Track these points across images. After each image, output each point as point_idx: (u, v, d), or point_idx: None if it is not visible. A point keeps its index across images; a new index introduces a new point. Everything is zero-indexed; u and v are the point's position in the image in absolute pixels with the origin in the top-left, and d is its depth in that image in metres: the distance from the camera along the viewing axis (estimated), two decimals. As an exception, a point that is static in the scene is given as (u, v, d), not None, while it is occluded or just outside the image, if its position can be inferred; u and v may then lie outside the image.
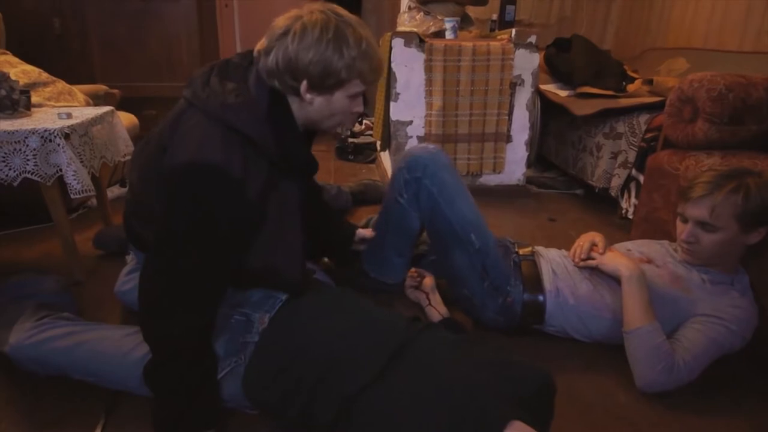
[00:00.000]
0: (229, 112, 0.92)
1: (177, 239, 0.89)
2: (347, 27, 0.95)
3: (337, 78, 0.96)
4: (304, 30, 0.93)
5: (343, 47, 0.94)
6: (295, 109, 1.01)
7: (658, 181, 1.67)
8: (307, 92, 0.97)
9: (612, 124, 2.24)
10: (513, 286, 1.27)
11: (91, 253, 1.68)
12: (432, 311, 1.35)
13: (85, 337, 1.05)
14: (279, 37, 0.94)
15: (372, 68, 1.00)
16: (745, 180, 1.14)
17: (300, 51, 0.93)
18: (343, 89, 0.99)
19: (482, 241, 1.26)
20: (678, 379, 1.10)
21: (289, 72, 0.95)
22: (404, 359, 0.88)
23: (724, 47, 2.47)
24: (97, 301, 1.41)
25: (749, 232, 1.15)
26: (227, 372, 0.96)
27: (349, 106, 1.03)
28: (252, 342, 0.97)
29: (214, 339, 0.98)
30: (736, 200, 1.12)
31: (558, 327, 1.29)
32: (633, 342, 1.14)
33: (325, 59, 0.94)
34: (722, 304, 1.16)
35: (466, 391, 0.80)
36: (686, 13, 2.75)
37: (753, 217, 1.12)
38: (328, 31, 0.93)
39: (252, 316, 1.00)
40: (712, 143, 1.55)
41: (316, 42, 0.93)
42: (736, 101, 1.49)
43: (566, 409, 0.91)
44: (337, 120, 1.07)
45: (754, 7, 2.31)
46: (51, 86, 2.00)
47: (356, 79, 0.99)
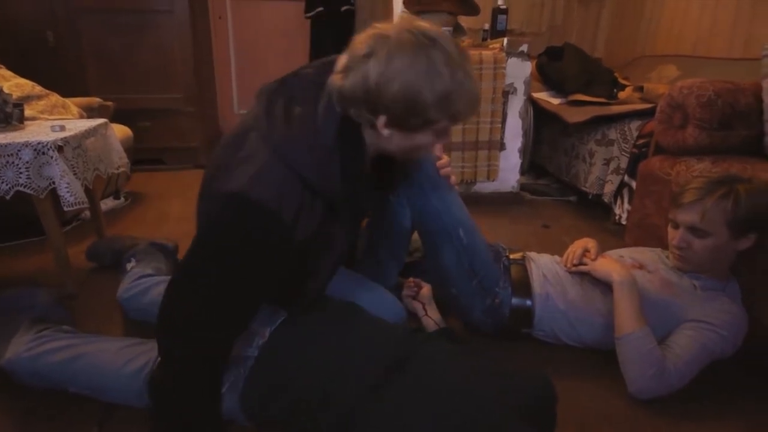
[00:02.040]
0: (290, 150, 0.82)
1: (208, 264, 0.83)
2: (440, 54, 0.80)
3: (423, 117, 0.83)
4: (390, 56, 0.78)
5: (435, 81, 0.80)
6: (368, 137, 0.89)
7: (650, 187, 1.68)
8: (385, 127, 0.85)
9: (604, 131, 2.26)
10: (502, 288, 1.27)
11: (85, 265, 1.68)
12: (428, 321, 1.34)
13: (84, 350, 1.05)
14: (360, 59, 0.80)
15: (466, 106, 0.85)
16: (735, 186, 1.15)
17: (383, 82, 0.79)
18: (428, 128, 0.86)
19: (470, 238, 1.26)
20: (669, 385, 1.10)
21: (368, 103, 0.82)
22: (406, 372, 0.87)
23: (713, 54, 2.50)
24: (90, 313, 1.40)
25: (739, 238, 1.16)
26: (226, 386, 0.95)
27: (433, 142, 0.90)
28: (251, 356, 0.96)
29: None
30: (726, 206, 1.13)
31: (548, 332, 1.29)
32: (624, 347, 1.14)
33: (411, 95, 0.80)
34: (713, 310, 1.16)
35: (470, 403, 0.80)
36: (675, 20, 2.79)
37: (743, 223, 1.13)
38: (417, 59, 0.78)
39: (251, 330, 1.00)
40: (703, 149, 1.56)
41: (402, 72, 0.79)
42: (725, 107, 1.51)
43: (561, 414, 0.92)
44: (419, 155, 0.96)
45: (741, 14, 2.34)
46: (44, 99, 2.00)
47: (447, 119, 0.85)
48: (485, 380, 0.85)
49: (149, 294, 1.20)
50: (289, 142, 0.82)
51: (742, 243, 1.17)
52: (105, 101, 2.39)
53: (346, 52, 0.83)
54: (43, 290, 1.31)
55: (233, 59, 3.75)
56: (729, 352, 1.16)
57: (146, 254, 1.43)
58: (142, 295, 1.21)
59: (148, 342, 1.04)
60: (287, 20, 3.65)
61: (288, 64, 4.22)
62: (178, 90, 2.87)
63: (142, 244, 1.51)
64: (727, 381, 1.21)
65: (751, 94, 1.55)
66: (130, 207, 2.34)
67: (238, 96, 3.85)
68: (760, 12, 2.24)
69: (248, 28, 3.68)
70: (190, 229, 0.89)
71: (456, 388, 0.82)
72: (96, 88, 2.73)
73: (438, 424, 0.77)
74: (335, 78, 0.83)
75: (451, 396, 0.81)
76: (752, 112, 1.53)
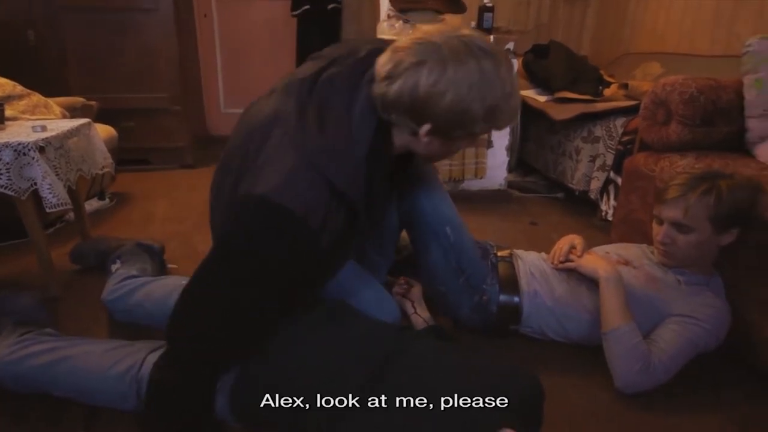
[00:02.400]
0: (323, 158, 0.79)
1: (229, 270, 0.80)
2: (491, 65, 0.78)
3: (470, 129, 0.83)
4: (443, 66, 0.76)
5: (486, 94, 0.78)
6: (398, 139, 0.88)
7: (635, 183, 1.70)
8: (426, 135, 0.84)
9: (590, 128, 2.27)
10: (489, 285, 1.28)
11: (69, 267, 1.65)
12: (417, 319, 1.35)
13: (68, 353, 1.03)
14: (410, 67, 0.78)
15: (509, 117, 0.85)
16: (717, 182, 1.17)
17: (435, 93, 0.77)
18: (471, 137, 0.87)
19: (457, 236, 1.27)
20: (655, 379, 1.12)
21: (413, 113, 0.80)
22: (395, 371, 0.87)
23: (696, 51, 2.54)
24: (75, 315, 1.38)
25: (722, 233, 1.18)
26: (216, 388, 0.94)
27: (465, 146, 0.93)
28: None
29: None
30: (709, 201, 1.15)
31: (536, 328, 1.30)
32: (611, 342, 1.15)
33: (461, 108, 0.78)
34: (697, 305, 1.18)
35: (454, 402, 0.80)
36: (658, 18, 2.82)
37: (725, 218, 1.15)
38: (471, 72, 0.77)
39: None
40: (686, 144, 1.58)
41: (456, 84, 0.77)
42: (707, 103, 1.53)
43: (549, 411, 0.93)
44: (447, 157, 0.96)
45: (722, 12, 2.37)
46: (26, 99, 1.97)
47: (491, 124, 0.84)
48: (471, 377, 0.85)
49: (135, 295, 1.19)
50: (323, 150, 0.80)
51: (725, 238, 1.19)
52: (88, 101, 2.35)
53: (389, 56, 0.80)
54: (25, 293, 1.29)
55: (219, 58, 3.71)
56: (713, 346, 1.18)
57: (132, 255, 1.41)
58: (127, 297, 1.20)
59: (134, 344, 1.03)
60: (274, 18, 3.63)
61: (275, 63, 4.20)
62: (163, 89, 2.84)
63: (127, 245, 1.49)
64: (711, 374, 1.23)
65: (733, 90, 1.57)
66: (116, 208, 2.32)
67: (224, 95, 3.82)
68: (740, 10, 2.28)
69: (234, 26, 3.65)
70: (176, 230, 0.89)
71: (444, 387, 0.82)
72: (79, 87, 2.68)
73: (426, 423, 0.77)
74: (379, 84, 0.81)
75: (436, 392, 0.81)
76: (733, 109, 1.55)
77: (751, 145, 1.52)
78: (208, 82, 3.70)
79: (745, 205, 1.17)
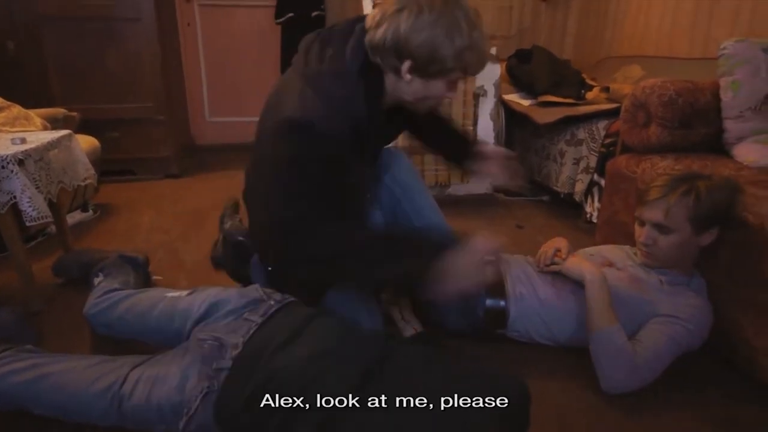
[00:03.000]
0: (321, 79, 0.99)
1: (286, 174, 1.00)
2: (462, 14, 0.95)
3: (441, 66, 0.97)
4: (420, 11, 0.94)
5: (455, 36, 0.94)
6: (389, 85, 1.04)
7: (618, 185, 1.72)
8: (408, 72, 0.99)
9: (573, 131, 2.30)
10: None
11: (52, 281, 1.63)
12: (405, 326, 1.35)
13: (49, 370, 1.01)
14: (393, 13, 0.95)
15: (478, 61, 1.01)
16: (696, 183, 1.19)
17: (412, 32, 0.94)
18: (445, 77, 1.01)
19: None
20: (641, 380, 1.13)
21: (396, 50, 0.96)
22: (379, 377, 0.87)
23: (675, 54, 2.58)
24: (58, 330, 1.36)
25: (701, 233, 1.19)
26: (199, 400, 0.93)
27: (445, 92, 1.05)
28: (225, 368, 0.94)
29: (187, 365, 0.96)
30: (688, 202, 1.17)
31: (522, 331, 1.31)
32: (596, 344, 1.16)
33: (434, 45, 0.95)
34: (680, 305, 1.19)
35: (440, 408, 0.80)
36: (638, 22, 2.86)
37: (704, 218, 1.17)
38: (443, 16, 0.94)
39: (224, 341, 0.98)
40: (666, 146, 1.60)
41: (430, 25, 0.94)
42: (685, 106, 1.56)
43: (536, 413, 0.93)
44: (429, 104, 1.09)
45: (699, 16, 2.42)
46: (5, 111, 1.94)
47: (460, 70, 1.00)
48: (457, 382, 0.85)
49: (117, 309, 1.18)
50: (320, 73, 1.00)
51: (705, 238, 1.20)
52: (70, 112, 2.33)
53: (376, 10, 0.99)
54: (6, 309, 1.27)
55: (203, 66, 3.70)
56: (696, 345, 1.19)
57: (114, 268, 1.40)
58: (109, 311, 1.18)
59: (116, 359, 1.02)
60: (258, 26, 3.62)
61: (259, 70, 4.19)
62: (147, 99, 2.82)
63: (110, 257, 1.47)
64: (695, 374, 1.25)
65: (710, 92, 1.60)
66: (100, 219, 2.29)
67: (209, 103, 3.80)
68: (716, 14, 2.32)
69: (218, 34, 3.64)
70: (162, 240, 0.89)
71: (426, 391, 0.82)
72: (61, 98, 2.66)
73: (407, 428, 0.77)
74: (368, 29, 0.99)
75: (421, 403, 0.81)
76: (711, 110, 1.58)
77: (729, 146, 1.55)
78: (193, 90, 3.68)
79: (723, 206, 1.19)
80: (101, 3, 2.63)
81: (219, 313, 1.06)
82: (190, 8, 3.54)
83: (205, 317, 1.06)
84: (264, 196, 1.07)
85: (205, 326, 1.02)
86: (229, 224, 1.76)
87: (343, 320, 1.05)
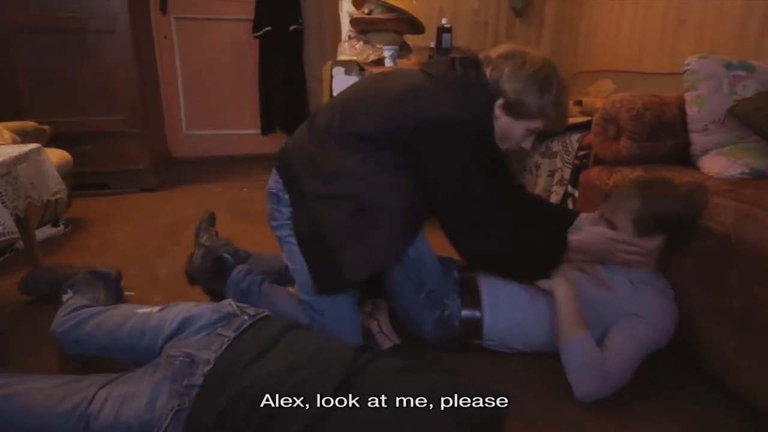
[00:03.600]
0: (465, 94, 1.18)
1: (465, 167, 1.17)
2: (556, 79, 1.17)
3: (527, 109, 1.17)
4: (523, 64, 1.16)
5: (544, 91, 1.15)
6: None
7: (591, 197, 1.75)
8: (499, 108, 1.18)
9: (547, 144, 2.34)
10: (451, 300, 1.29)
11: (19, 298, 1.58)
12: (383, 338, 1.35)
13: (14, 390, 0.98)
14: (504, 57, 1.18)
15: (557, 118, 1.21)
16: (649, 188, 1.25)
17: (510, 77, 1.15)
18: (527, 122, 1.19)
19: (417, 252, 1.27)
20: (612, 385, 1.15)
21: (496, 88, 1.17)
22: (352, 390, 0.87)
23: (644, 69, 2.66)
24: (25, 349, 1.32)
25: (643, 236, 1.24)
26: (169, 419, 0.91)
27: (523, 138, 1.22)
28: (196, 385, 0.92)
29: (157, 382, 0.94)
30: (634, 205, 1.23)
31: (498, 340, 1.32)
32: (566, 353, 1.18)
33: (525, 92, 1.15)
34: (645, 304, 1.23)
35: (413, 419, 0.80)
36: (608, 38, 2.95)
37: (647, 222, 1.22)
38: (539, 73, 1.15)
39: (196, 357, 0.96)
40: (636, 158, 1.65)
41: (527, 77, 1.15)
42: (653, 119, 1.61)
43: (512, 423, 0.93)
44: (508, 145, 1.25)
45: (666, 33, 2.51)
46: (-27, 124, 1.90)
47: (540, 120, 1.18)
48: (430, 395, 0.85)
49: (85, 326, 1.14)
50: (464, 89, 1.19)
51: (648, 242, 1.24)
52: (41, 125, 2.28)
53: (497, 49, 1.22)
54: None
55: (180, 79, 3.67)
56: (663, 343, 1.22)
57: (84, 284, 1.36)
58: (77, 328, 1.15)
59: (83, 379, 0.99)
60: (235, 40, 3.62)
61: (237, 84, 4.17)
62: (121, 111, 2.78)
63: (80, 273, 1.44)
64: (667, 380, 1.28)
65: (676, 106, 1.65)
66: (71, 234, 2.24)
67: (186, 116, 3.77)
68: (682, 31, 2.41)
69: (195, 47, 3.62)
70: (136, 255, 0.88)
71: (398, 404, 0.82)
72: (32, 111, 2.60)
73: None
74: (487, 69, 1.19)
75: (393, 412, 0.81)
76: (677, 124, 1.63)
77: (695, 158, 1.60)
78: (170, 103, 3.65)
79: (669, 215, 1.23)
80: (74, 15, 2.60)
81: (191, 329, 1.04)
82: (167, 21, 3.52)
83: (177, 333, 1.04)
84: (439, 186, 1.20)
85: (177, 342, 1.01)
86: (205, 237, 1.74)
87: (318, 333, 1.04)
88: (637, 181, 1.29)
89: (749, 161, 1.45)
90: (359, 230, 1.19)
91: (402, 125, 1.16)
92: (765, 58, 1.93)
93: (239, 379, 0.91)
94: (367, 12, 2.40)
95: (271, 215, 1.35)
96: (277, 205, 1.32)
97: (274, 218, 1.35)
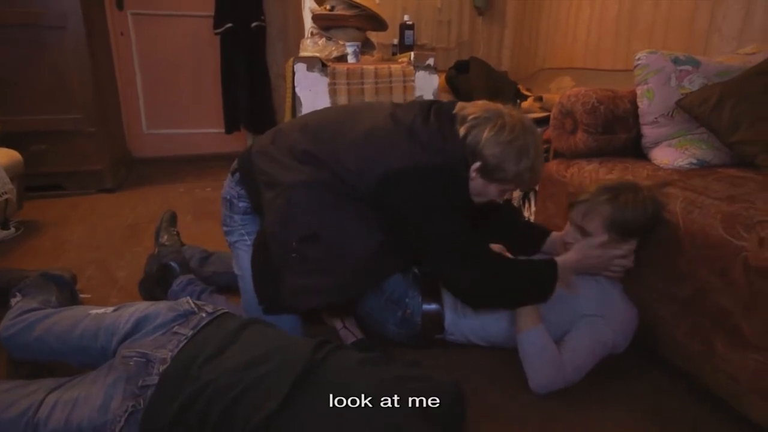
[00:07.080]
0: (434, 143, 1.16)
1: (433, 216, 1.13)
2: (533, 144, 1.16)
3: (503, 176, 1.16)
4: (502, 128, 1.13)
5: (522, 158, 1.14)
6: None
7: (550, 190, 1.79)
8: (475, 171, 1.16)
9: (509, 139, 2.38)
10: (411, 298, 1.30)
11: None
12: (346, 333, 1.34)
13: None
14: (482, 121, 1.15)
15: (532, 179, 1.22)
16: (620, 194, 1.23)
17: (489, 143, 1.13)
18: (501, 185, 1.19)
19: None
20: (566, 380, 1.17)
21: (473, 151, 1.14)
22: (311, 384, 0.87)
23: (601, 66, 2.74)
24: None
25: (616, 242, 1.23)
26: (123, 420, 0.88)
27: (496, 195, 1.22)
28: (152, 384, 0.90)
29: (110, 384, 0.91)
30: (606, 210, 1.22)
31: (459, 335, 1.33)
32: (523, 345, 1.20)
33: (504, 160, 1.14)
34: (606, 304, 1.25)
35: (372, 410, 0.80)
36: (567, 37, 3.03)
37: (620, 228, 1.22)
38: (518, 140, 1.13)
39: (152, 356, 0.94)
40: (592, 151, 1.69)
41: (506, 144, 1.13)
42: (606, 113, 1.65)
43: (473, 414, 0.95)
44: (482, 200, 1.24)
45: (621, 31, 2.59)
46: None
47: (515, 183, 1.20)
48: (389, 386, 0.85)
49: (34, 330, 1.09)
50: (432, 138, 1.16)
51: (621, 246, 1.24)
52: (-11, 124, 2.19)
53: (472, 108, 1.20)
54: None
55: (139, 77, 3.58)
56: (621, 347, 1.25)
57: (34, 287, 1.31)
58: (26, 332, 1.10)
59: (30, 384, 0.95)
60: (196, 36, 3.55)
61: (199, 82, 4.10)
62: (76, 110, 2.69)
63: (31, 276, 1.38)
64: (622, 368, 1.31)
65: (628, 100, 1.70)
66: (23, 237, 2.15)
67: (146, 115, 3.67)
68: (635, 29, 2.50)
69: (154, 44, 3.53)
70: (92, 257, 0.85)
71: (357, 396, 0.82)
72: (-20, 109, 2.49)
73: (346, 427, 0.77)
74: (461, 128, 1.16)
75: (352, 404, 0.81)
76: (630, 117, 1.68)
77: (647, 150, 1.66)
78: (129, 102, 3.55)
79: (640, 220, 1.22)
80: (24, 10, 2.50)
81: (147, 329, 1.01)
82: (123, 17, 3.43)
83: (132, 333, 1.01)
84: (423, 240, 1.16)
85: (132, 343, 0.98)
86: (165, 237, 1.70)
87: (276, 329, 1.03)
88: (605, 187, 1.26)
89: (696, 152, 1.51)
90: (309, 261, 1.16)
91: (369, 174, 1.13)
92: (710, 54, 2.02)
93: (197, 376, 0.90)
94: (329, 8, 2.38)
95: (224, 221, 1.38)
96: (229, 211, 1.34)
97: (225, 224, 1.37)
